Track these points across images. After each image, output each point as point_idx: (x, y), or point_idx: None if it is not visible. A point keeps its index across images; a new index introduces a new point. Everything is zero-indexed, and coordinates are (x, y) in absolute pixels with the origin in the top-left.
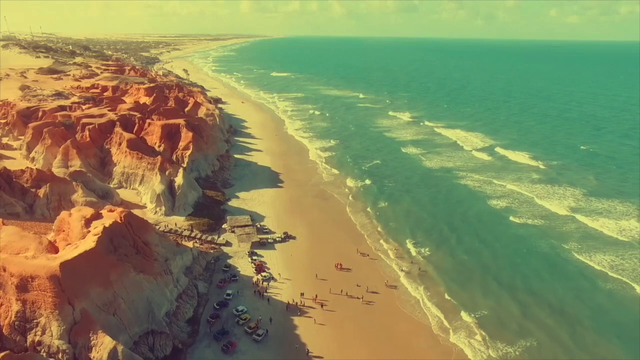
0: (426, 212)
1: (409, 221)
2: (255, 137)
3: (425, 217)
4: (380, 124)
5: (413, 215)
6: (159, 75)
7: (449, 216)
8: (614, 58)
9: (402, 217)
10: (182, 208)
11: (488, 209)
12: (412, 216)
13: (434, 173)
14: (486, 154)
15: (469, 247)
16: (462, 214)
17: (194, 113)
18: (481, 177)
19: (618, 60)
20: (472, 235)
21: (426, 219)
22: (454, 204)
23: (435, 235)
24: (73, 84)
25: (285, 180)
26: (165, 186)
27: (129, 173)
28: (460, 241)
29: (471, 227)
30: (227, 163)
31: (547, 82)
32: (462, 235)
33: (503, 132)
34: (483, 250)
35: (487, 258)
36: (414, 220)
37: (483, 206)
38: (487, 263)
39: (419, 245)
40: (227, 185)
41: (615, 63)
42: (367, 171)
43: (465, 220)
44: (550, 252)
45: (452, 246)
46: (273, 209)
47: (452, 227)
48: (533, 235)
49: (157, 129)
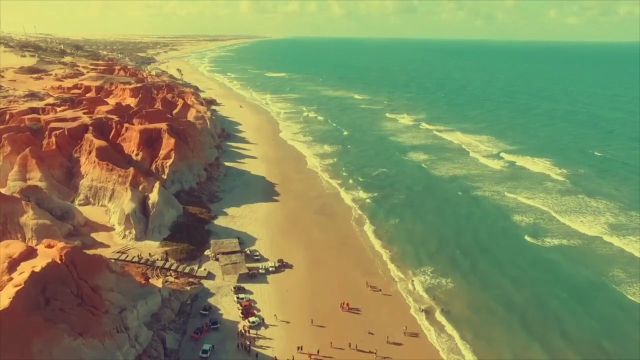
0: (438, 231)
1: (423, 243)
2: (249, 142)
3: (438, 237)
4: (381, 127)
5: (425, 235)
6: (151, 76)
7: (462, 236)
8: (613, 59)
9: (413, 237)
10: (157, 231)
11: (502, 227)
12: (425, 236)
13: (442, 184)
14: (494, 161)
15: (487, 276)
16: (475, 234)
17: (182, 116)
18: (491, 188)
19: (618, 60)
20: (489, 262)
21: (440, 240)
22: (465, 220)
23: (451, 261)
24: (54, 84)
25: (282, 192)
26: (137, 204)
27: (98, 187)
28: (479, 270)
29: (486, 251)
30: (216, 172)
31: (547, 82)
32: (479, 262)
33: (508, 135)
34: (504, 282)
35: (509, 291)
36: (427, 241)
37: (496, 223)
38: (511, 298)
39: (436, 275)
40: (214, 200)
41: (615, 64)
42: (371, 181)
43: (479, 241)
44: (580, 282)
45: (470, 275)
46: (266, 229)
47: (466, 251)
48: (556, 260)
49: (134, 135)
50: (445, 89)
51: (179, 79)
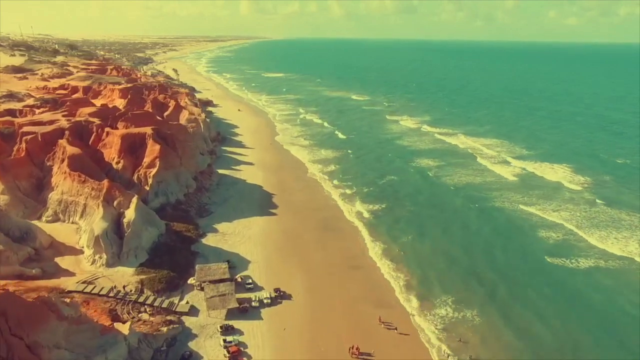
0: (453, 250)
1: (438, 265)
2: (246, 147)
3: (454, 258)
4: (382, 129)
5: (441, 255)
6: (146, 76)
7: (479, 257)
8: (614, 60)
9: (428, 258)
10: (132, 254)
11: (520, 246)
12: (440, 257)
13: (451, 194)
14: (504, 167)
15: (512, 309)
16: (493, 254)
17: (174, 118)
18: (505, 199)
19: (618, 61)
20: (511, 289)
21: (456, 262)
22: (480, 238)
23: (472, 289)
24: (39, 84)
25: (280, 203)
26: (110, 223)
27: (68, 201)
28: (503, 300)
29: (507, 275)
30: (208, 181)
31: (548, 82)
32: (501, 289)
33: (515, 138)
34: (531, 318)
35: (538, 329)
36: (443, 263)
37: (514, 241)
38: (541, 338)
39: (458, 305)
40: (203, 213)
41: (615, 64)
42: (376, 191)
43: (498, 263)
44: (614, 314)
45: (495, 307)
46: (261, 249)
47: (487, 275)
48: (586, 286)
49: (116, 140)
50: (445, 89)
51: (175, 79)
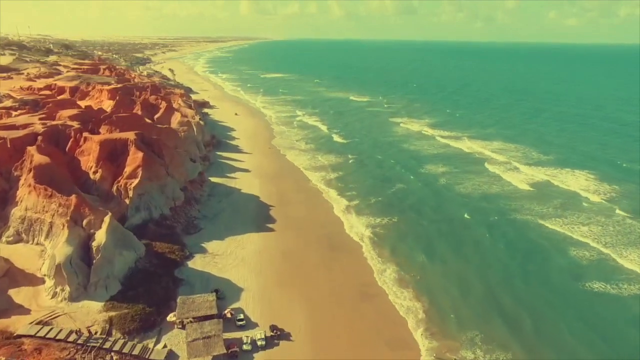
0: (474, 274)
1: (459, 292)
2: (242, 152)
3: (475, 283)
4: (385, 133)
5: (460, 280)
6: (141, 76)
7: (503, 280)
8: (615, 60)
9: (447, 283)
10: (102, 285)
11: (545, 268)
12: (460, 282)
13: (464, 207)
14: (516, 175)
15: (548, 345)
16: (518, 277)
17: (165, 121)
18: (522, 213)
19: (619, 62)
20: (541, 321)
21: (478, 288)
22: (500, 259)
23: (501, 322)
24: (24, 84)
25: (278, 217)
26: (76, 248)
27: (33, 219)
28: (534, 335)
29: (536, 304)
30: (199, 192)
31: (549, 83)
32: (531, 321)
33: (523, 143)
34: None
35: None
36: (464, 289)
37: (535, 262)
38: None
39: (487, 345)
40: (191, 230)
41: (616, 65)
42: (383, 201)
43: (525, 289)
44: None
45: (527, 350)
46: (257, 274)
47: (515, 305)
48: (624, 322)
49: (94, 147)
50: (446, 89)
51: (171, 79)
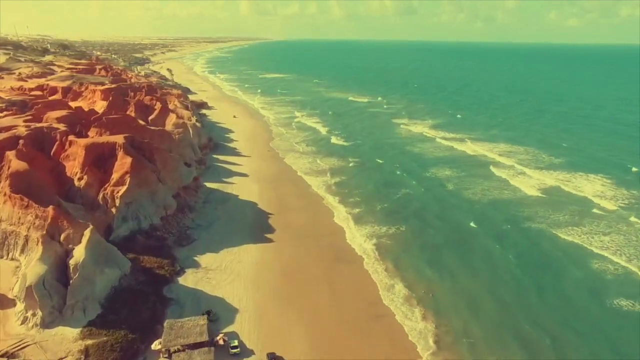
0: (491, 290)
1: (477, 311)
2: (241, 154)
3: (492, 301)
4: (386, 135)
5: (476, 297)
6: (138, 76)
7: (524, 297)
8: (616, 61)
9: (462, 301)
10: (80, 309)
11: (562, 285)
12: (476, 300)
13: (473, 214)
14: (523, 180)
15: None
16: (529, 297)
17: (159, 123)
18: (532, 220)
19: (621, 63)
20: (576, 346)
21: (498, 307)
22: (512, 272)
23: (527, 348)
24: (15, 84)
25: (277, 226)
26: (51, 267)
27: (8, 231)
28: None
29: (569, 325)
30: (193, 198)
31: (551, 83)
32: (561, 346)
33: (527, 144)
34: None
35: None
36: (482, 309)
37: (553, 278)
38: None
39: None
40: (184, 242)
41: (618, 66)
42: (391, 208)
43: (550, 308)
44: None
45: None
46: (254, 291)
47: (541, 327)
48: None
49: (79, 152)
50: (446, 90)
51: (169, 79)
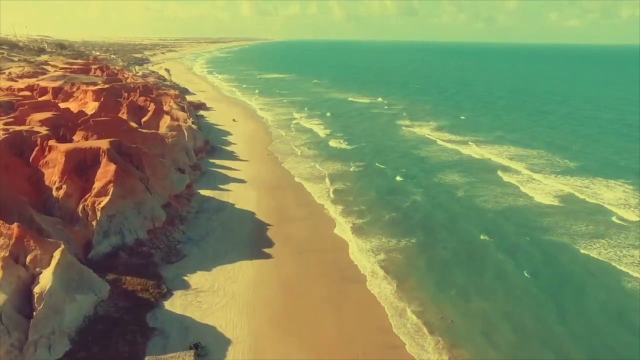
0: (516, 314)
1: (501, 341)
2: (239, 158)
3: (520, 328)
4: (389, 137)
5: (500, 323)
6: (135, 76)
7: (540, 324)
8: (618, 61)
9: (486, 328)
10: (44, 346)
11: (593, 303)
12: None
13: (479, 223)
14: (535, 187)
15: None
16: (556, 317)
17: (153, 125)
18: (549, 233)
19: (622, 63)
20: None
21: (512, 336)
22: (532, 294)
23: None
24: (5, 84)
25: (277, 239)
26: (10, 296)
27: None
28: None
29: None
30: (185, 208)
31: (553, 83)
32: None
33: (535, 148)
34: None
35: None
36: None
37: (582, 298)
38: None
39: None
40: (172, 258)
41: (620, 66)
42: (396, 219)
43: (572, 337)
44: None
45: None
46: (249, 317)
47: None
48: None
49: (59, 158)
50: (448, 90)
51: (167, 79)
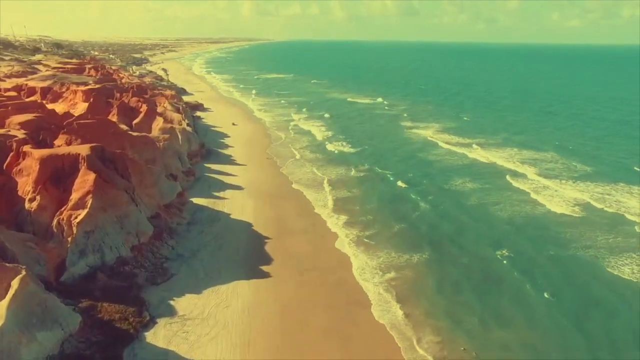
0: (527, 344)
1: None
2: (236, 163)
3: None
4: (392, 140)
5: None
6: (131, 76)
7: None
8: (619, 61)
9: None
10: None
11: (623, 329)
12: None
13: (497, 236)
14: (548, 194)
15: None
16: (585, 347)
17: (145, 127)
18: (568, 245)
19: (624, 63)
20: None
21: None
22: (556, 314)
23: None
24: None
25: (276, 255)
26: None
27: None
28: None
29: None
30: (175, 219)
31: (556, 84)
32: None
33: (543, 151)
34: None
35: None
36: None
37: (611, 323)
38: None
39: None
40: (158, 279)
41: (622, 66)
42: (401, 232)
43: None
44: None
45: None
46: (243, 349)
47: None
48: None
49: (33, 165)
50: (449, 90)
51: (165, 79)
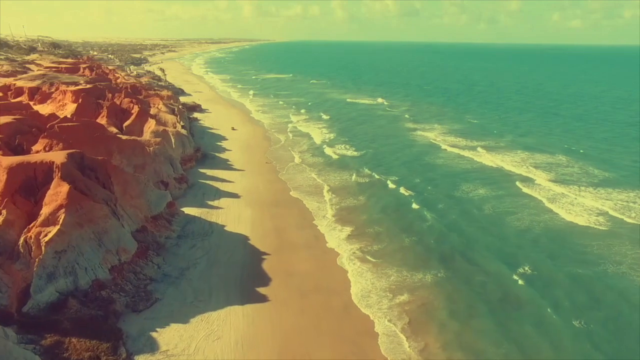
0: None
1: None
2: (233, 168)
3: None
4: (395, 143)
5: None
6: (128, 76)
7: None
8: (621, 61)
9: None
10: None
11: None
12: None
13: (511, 252)
14: (564, 202)
15: None
16: None
17: (136, 130)
18: (592, 262)
19: (626, 63)
20: None
21: None
22: (586, 346)
23: None
24: None
25: (275, 274)
26: None
27: None
28: None
29: None
30: (164, 233)
31: (558, 84)
32: None
33: (553, 154)
34: None
35: None
36: None
37: None
38: None
39: None
40: (140, 305)
41: (624, 66)
42: (408, 247)
43: None
44: None
45: None
46: None
47: None
48: None
49: (0, 176)
50: (452, 91)
51: (163, 79)
